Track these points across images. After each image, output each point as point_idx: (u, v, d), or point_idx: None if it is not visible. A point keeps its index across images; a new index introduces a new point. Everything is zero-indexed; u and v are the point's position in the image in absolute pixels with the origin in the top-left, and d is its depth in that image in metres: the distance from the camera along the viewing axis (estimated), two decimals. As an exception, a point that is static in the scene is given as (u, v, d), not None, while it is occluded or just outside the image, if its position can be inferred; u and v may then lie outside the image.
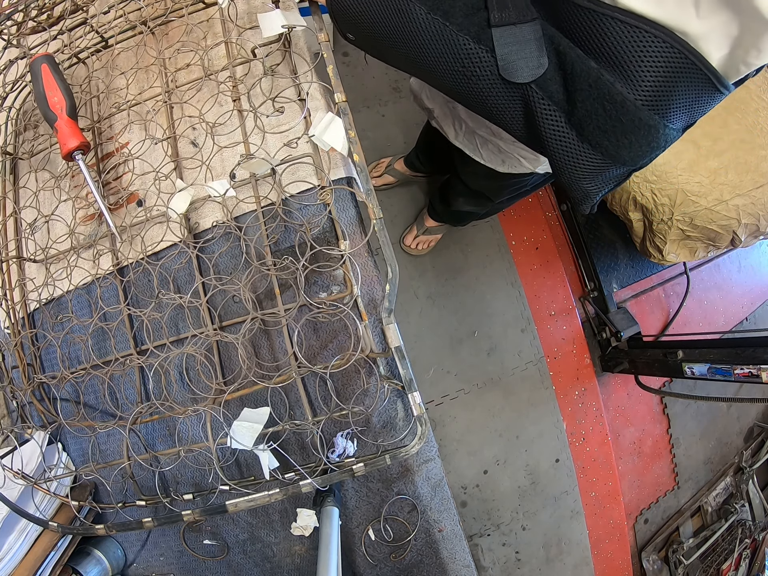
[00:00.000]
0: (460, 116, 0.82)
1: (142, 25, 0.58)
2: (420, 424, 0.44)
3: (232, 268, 0.55)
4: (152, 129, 0.58)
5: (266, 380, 0.49)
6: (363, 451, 0.55)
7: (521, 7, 0.36)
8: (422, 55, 0.40)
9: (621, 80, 0.35)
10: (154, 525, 0.49)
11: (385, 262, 0.45)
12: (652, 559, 1.64)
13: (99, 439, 0.59)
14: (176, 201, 0.54)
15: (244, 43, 0.58)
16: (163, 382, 0.53)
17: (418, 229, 1.51)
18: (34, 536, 0.55)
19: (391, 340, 0.46)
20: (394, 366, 0.51)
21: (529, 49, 0.36)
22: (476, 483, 1.56)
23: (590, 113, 0.36)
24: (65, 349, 0.59)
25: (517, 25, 0.36)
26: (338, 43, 1.71)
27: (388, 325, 0.46)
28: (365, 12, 0.41)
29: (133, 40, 0.62)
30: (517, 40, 0.36)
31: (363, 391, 0.54)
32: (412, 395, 0.44)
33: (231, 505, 0.46)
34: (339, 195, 0.56)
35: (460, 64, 0.39)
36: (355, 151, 0.48)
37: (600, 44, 0.35)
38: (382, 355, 0.50)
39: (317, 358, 0.54)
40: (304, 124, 0.54)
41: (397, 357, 0.45)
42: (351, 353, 0.48)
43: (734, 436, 1.85)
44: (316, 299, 0.49)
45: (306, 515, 0.58)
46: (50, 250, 0.59)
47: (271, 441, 0.48)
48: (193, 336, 0.53)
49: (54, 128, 0.53)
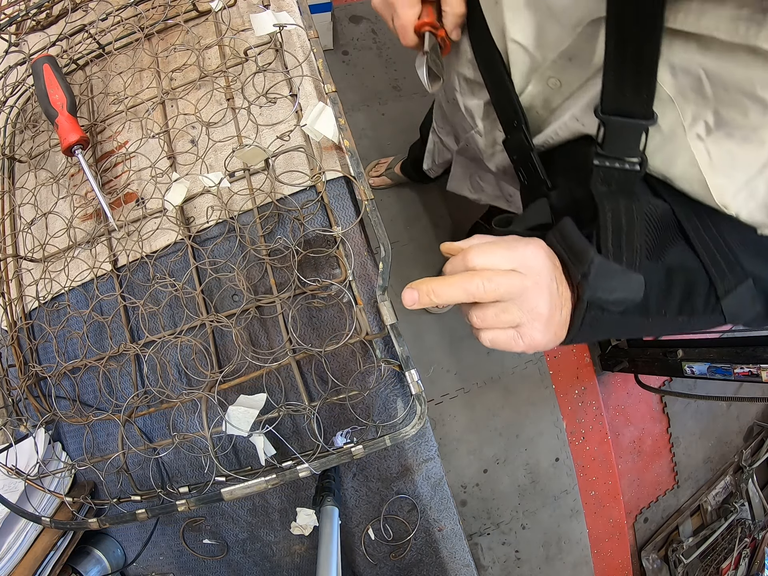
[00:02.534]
0: (510, 192, 0.79)
1: (139, 30, 0.60)
2: (419, 404, 0.44)
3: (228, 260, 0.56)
4: (150, 127, 0.59)
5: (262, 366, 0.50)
6: (361, 438, 0.55)
7: (736, 272, 0.39)
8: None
9: None
10: (148, 516, 0.49)
11: (378, 240, 0.45)
12: (652, 557, 1.64)
13: (98, 438, 0.59)
14: (172, 194, 0.55)
15: (239, 44, 0.59)
16: (159, 371, 0.53)
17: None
18: (34, 536, 0.55)
19: (386, 317, 0.46)
20: (392, 348, 0.51)
21: (746, 301, 0.40)
22: (476, 482, 1.56)
23: None
24: (62, 345, 0.59)
25: (737, 288, 0.39)
26: (338, 42, 1.70)
27: (383, 302, 0.46)
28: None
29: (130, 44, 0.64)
30: (740, 301, 0.39)
31: (360, 373, 0.54)
32: (409, 373, 0.44)
33: (227, 492, 0.46)
34: (338, 194, 0.56)
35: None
36: (345, 137, 0.49)
37: None
38: (378, 335, 0.50)
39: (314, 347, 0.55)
40: (296, 118, 0.55)
41: (392, 334, 0.45)
42: (346, 333, 0.48)
43: (734, 435, 1.85)
44: (310, 287, 0.50)
45: (305, 514, 0.57)
46: (49, 248, 0.59)
47: (267, 425, 0.48)
48: (190, 329, 0.53)
49: (55, 124, 0.55)
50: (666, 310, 0.40)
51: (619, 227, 0.37)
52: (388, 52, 1.72)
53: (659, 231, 0.39)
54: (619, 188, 0.38)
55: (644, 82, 0.34)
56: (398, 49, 1.73)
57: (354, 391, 0.51)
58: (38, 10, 0.63)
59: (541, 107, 0.47)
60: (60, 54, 0.62)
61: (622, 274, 0.36)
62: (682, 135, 0.37)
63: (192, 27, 0.62)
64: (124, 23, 0.61)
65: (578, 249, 0.37)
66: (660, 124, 0.38)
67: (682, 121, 0.37)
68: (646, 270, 0.38)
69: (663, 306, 0.40)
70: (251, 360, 0.49)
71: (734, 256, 0.39)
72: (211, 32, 0.62)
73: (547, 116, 0.48)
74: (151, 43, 0.63)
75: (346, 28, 1.72)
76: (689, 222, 0.40)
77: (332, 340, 0.49)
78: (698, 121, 0.36)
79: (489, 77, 0.50)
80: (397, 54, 1.72)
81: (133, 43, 0.63)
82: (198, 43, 0.60)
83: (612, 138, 0.37)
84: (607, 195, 0.38)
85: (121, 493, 0.54)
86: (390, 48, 1.72)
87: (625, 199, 0.38)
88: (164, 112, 0.60)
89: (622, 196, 0.38)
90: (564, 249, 0.38)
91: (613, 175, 0.38)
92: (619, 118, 0.36)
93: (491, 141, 0.60)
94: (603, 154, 0.38)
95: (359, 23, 1.73)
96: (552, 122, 0.47)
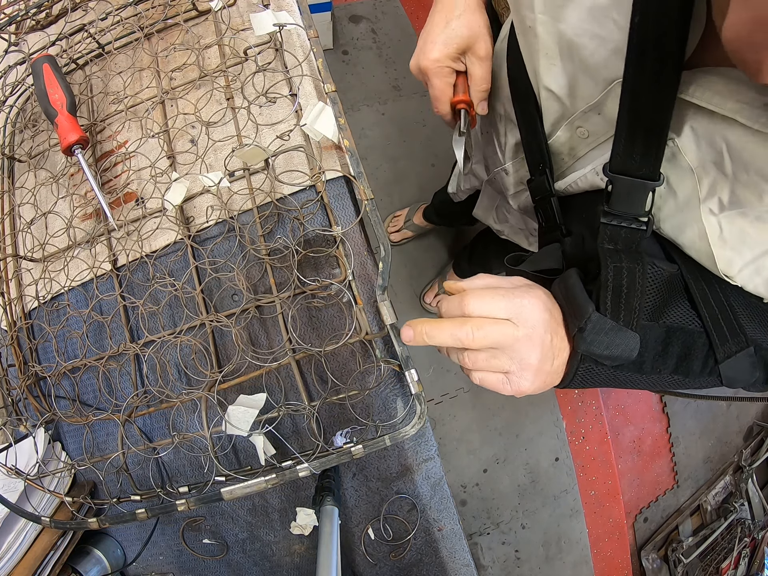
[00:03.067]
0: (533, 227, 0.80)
1: (139, 30, 0.60)
2: (419, 403, 0.44)
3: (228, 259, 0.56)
4: (150, 127, 0.59)
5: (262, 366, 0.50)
6: (361, 438, 0.55)
7: (738, 338, 0.40)
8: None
9: None
10: (148, 516, 0.49)
11: (378, 240, 0.46)
12: (652, 557, 1.64)
13: (98, 437, 0.59)
14: (172, 193, 0.55)
15: (239, 44, 0.59)
16: (158, 370, 0.53)
17: (440, 287, 1.50)
18: (34, 535, 0.55)
19: (386, 317, 0.46)
20: (392, 348, 0.51)
21: (745, 367, 0.40)
22: (476, 482, 1.56)
23: None
24: (62, 345, 0.59)
25: (737, 354, 0.40)
26: (338, 42, 1.70)
27: (383, 302, 0.46)
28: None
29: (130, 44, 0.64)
30: (738, 366, 0.40)
31: (360, 373, 0.54)
32: (409, 372, 0.44)
33: (226, 492, 0.46)
34: (337, 193, 0.56)
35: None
36: (345, 136, 0.49)
37: None
38: (378, 335, 0.50)
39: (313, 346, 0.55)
40: (296, 118, 0.55)
41: (392, 334, 0.45)
42: (346, 333, 0.48)
43: (734, 435, 1.85)
44: (310, 287, 0.50)
45: (305, 514, 0.57)
46: (49, 248, 0.59)
47: (267, 425, 0.48)
48: (190, 328, 0.53)
49: (54, 123, 0.55)
50: (661, 369, 0.41)
51: (619, 287, 0.38)
52: (388, 51, 1.72)
53: (662, 293, 0.40)
54: (625, 247, 0.39)
55: (653, 146, 0.35)
56: (398, 48, 1.73)
57: (354, 390, 0.51)
58: (38, 10, 0.64)
59: (567, 154, 0.48)
60: (60, 53, 0.62)
61: (618, 332, 0.37)
62: (696, 206, 0.37)
63: (192, 26, 0.62)
64: (123, 23, 0.62)
65: (578, 303, 0.38)
66: (677, 192, 0.38)
67: (698, 192, 0.37)
68: (643, 329, 0.39)
69: (659, 364, 0.41)
70: (251, 360, 0.49)
71: (737, 322, 0.40)
72: (210, 32, 0.62)
73: (572, 164, 0.48)
74: (150, 43, 0.63)
75: (345, 27, 1.72)
76: (696, 284, 0.41)
77: (332, 340, 0.49)
78: (713, 196, 0.36)
79: (522, 117, 0.50)
80: (397, 54, 1.72)
81: (133, 42, 0.63)
82: (198, 42, 0.60)
83: (619, 196, 0.37)
84: (612, 254, 0.39)
85: (120, 492, 0.54)
86: (390, 48, 1.72)
87: (629, 260, 0.38)
88: (164, 112, 0.60)
89: (627, 255, 0.38)
90: (565, 300, 0.40)
91: (619, 234, 0.38)
92: (627, 178, 0.36)
93: (518, 180, 0.60)
94: (610, 212, 0.38)
95: (359, 23, 1.73)
96: (575, 170, 0.48)
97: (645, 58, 0.32)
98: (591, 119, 0.42)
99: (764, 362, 0.41)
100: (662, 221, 0.40)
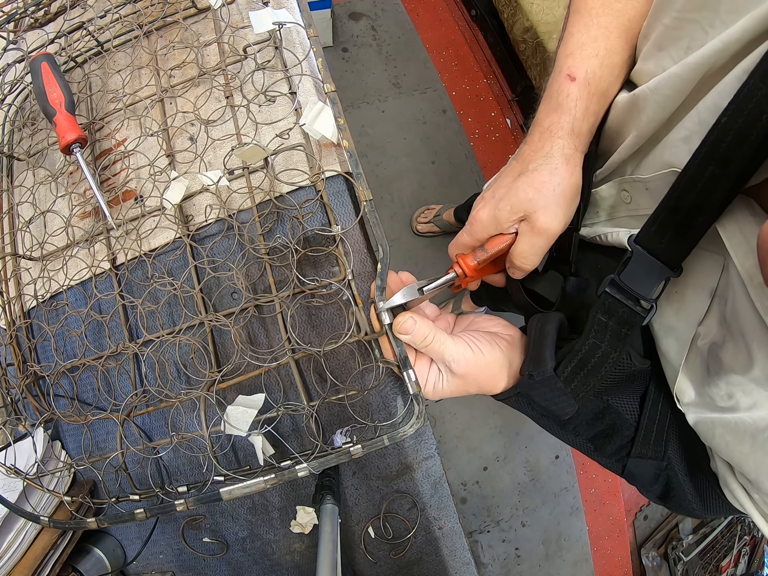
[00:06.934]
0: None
1: (138, 28, 0.59)
2: (417, 403, 0.44)
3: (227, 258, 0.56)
4: (149, 125, 0.59)
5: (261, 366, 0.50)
6: (361, 436, 0.55)
7: (658, 449, 0.42)
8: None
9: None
10: (147, 516, 0.49)
11: (376, 241, 0.46)
12: (652, 555, 1.64)
13: (97, 437, 0.59)
14: (171, 192, 0.55)
15: (238, 41, 0.59)
16: (157, 370, 0.53)
17: (455, 309, 1.52)
18: (34, 534, 0.55)
19: (384, 318, 0.46)
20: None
21: (649, 474, 0.43)
22: (476, 480, 1.56)
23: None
24: (61, 344, 0.59)
25: (648, 460, 0.42)
26: (338, 39, 1.70)
27: (380, 302, 0.46)
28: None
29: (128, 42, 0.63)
30: (643, 470, 0.43)
31: (359, 372, 0.53)
32: (407, 372, 0.44)
33: (225, 492, 0.46)
34: (337, 191, 0.56)
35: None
36: (344, 137, 0.49)
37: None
38: (378, 335, 0.50)
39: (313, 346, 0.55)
40: (295, 116, 0.55)
41: (390, 335, 0.45)
42: (345, 333, 0.48)
43: (734, 433, 1.85)
44: (309, 286, 0.50)
45: (305, 513, 0.58)
46: (48, 247, 0.59)
47: (266, 425, 0.48)
48: (189, 327, 0.53)
49: (53, 122, 0.55)
50: (580, 433, 0.44)
51: (586, 362, 0.39)
52: (387, 49, 1.71)
53: (621, 382, 0.41)
54: (616, 325, 0.38)
55: (684, 240, 0.33)
56: (398, 46, 1.73)
57: (353, 390, 0.50)
58: (36, 8, 0.63)
59: (604, 209, 0.47)
60: (58, 52, 0.62)
61: (562, 395, 0.40)
62: (693, 326, 0.37)
63: (191, 24, 0.62)
64: (122, 20, 0.61)
65: (542, 355, 0.40)
66: (685, 301, 0.38)
67: (701, 317, 0.36)
68: (585, 401, 0.41)
69: (581, 429, 0.44)
70: (250, 359, 0.49)
71: (667, 435, 0.42)
72: (210, 29, 0.62)
73: (605, 220, 0.48)
74: (149, 41, 0.62)
75: (345, 25, 1.72)
76: (657, 385, 0.43)
77: (331, 340, 0.49)
78: (707, 337, 0.36)
79: None
80: (397, 51, 1.71)
81: (132, 40, 0.63)
82: (197, 40, 0.60)
83: (633, 270, 0.37)
84: (600, 328, 0.38)
85: (120, 492, 0.54)
86: (390, 45, 1.71)
87: (610, 344, 0.38)
88: (163, 110, 0.59)
89: (612, 336, 0.38)
90: (533, 341, 0.42)
91: (617, 311, 0.37)
92: (647, 254, 0.35)
93: None
94: (618, 283, 0.37)
95: (359, 20, 1.72)
96: (606, 226, 0.47)
97: (711, 160, 0.29)
98: (638, 189, 0.41)
99: (667, 481, 0.43)
100: (657, 316, 0.40)
